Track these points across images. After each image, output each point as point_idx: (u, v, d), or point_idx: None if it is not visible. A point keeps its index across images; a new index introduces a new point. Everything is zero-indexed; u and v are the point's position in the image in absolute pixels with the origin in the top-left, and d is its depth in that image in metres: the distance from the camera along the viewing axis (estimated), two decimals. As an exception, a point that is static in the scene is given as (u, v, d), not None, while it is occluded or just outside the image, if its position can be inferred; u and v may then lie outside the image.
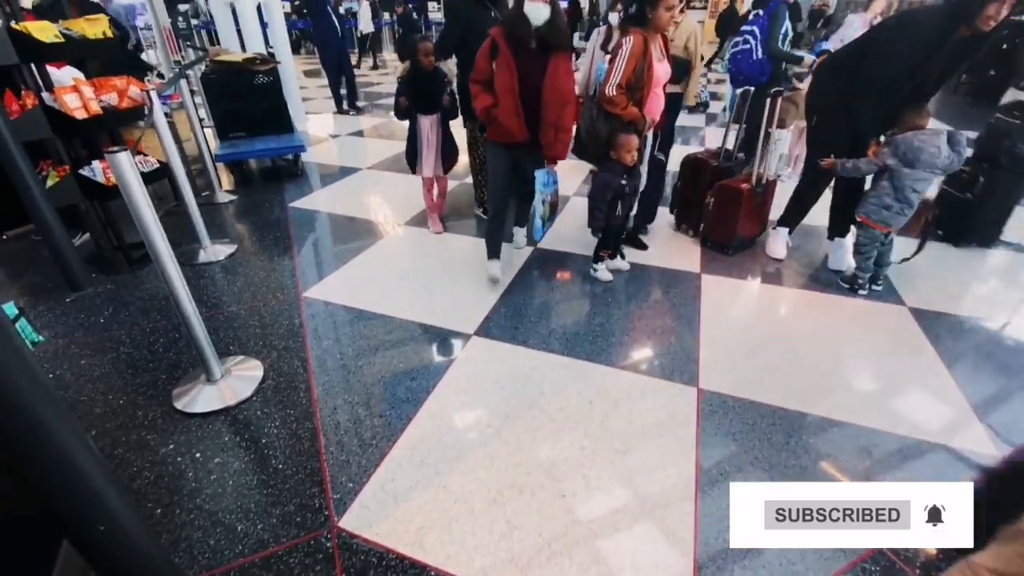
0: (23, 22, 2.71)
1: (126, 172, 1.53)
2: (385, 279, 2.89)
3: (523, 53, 2.18)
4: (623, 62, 2.37)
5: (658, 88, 2.49)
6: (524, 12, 2.03)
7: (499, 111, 2.28)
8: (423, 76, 2.94)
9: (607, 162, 2.56)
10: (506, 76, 2.22)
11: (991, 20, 2.13)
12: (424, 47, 2.87)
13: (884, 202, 2.52)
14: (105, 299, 2.70)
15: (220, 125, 4.48)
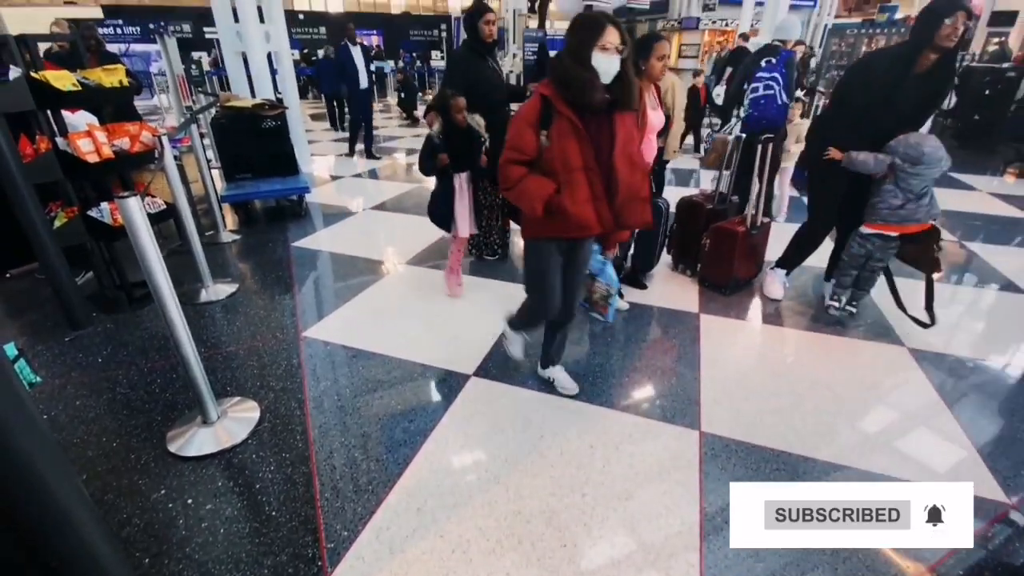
0: (42, 71, 2.83)
1: (135, 217, 1.57)
2: (385, 318, 2.90)
3: (588, 116, 1.65)
4: None
5: (651, 135, 2.57)
6: (593, 65, 1.58)
7: (566, 198, 1.66)
8: (457, 133, 2.75)
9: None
10: (573, 148, 1.64)
11: (951, 36, 2.25)
12: (457, 103, 2.70)
13: (892, 204, 2.50)
14: (104, 338, 2.70)
15: (227, 167, 4.59)
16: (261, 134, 4.51)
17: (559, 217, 1.69)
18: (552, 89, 1.65)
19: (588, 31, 1.57)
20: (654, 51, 2.39)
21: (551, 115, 1.63)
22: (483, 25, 3.00)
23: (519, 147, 1.68)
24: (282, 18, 5.98)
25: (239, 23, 5.55)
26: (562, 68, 1.61)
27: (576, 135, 1.63)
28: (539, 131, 1.65)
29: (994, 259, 3.77)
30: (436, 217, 2.97)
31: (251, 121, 4.45)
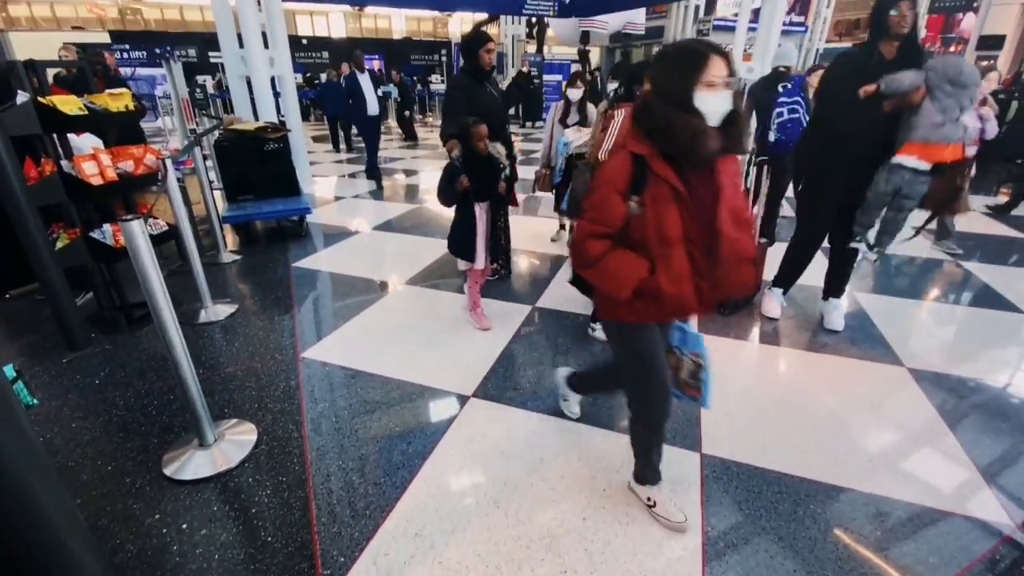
0: (50, 95, 2.89)
1: (138, 240, 1.58)
2: (384, 338, 2.90)
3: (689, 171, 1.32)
4: (615, 132, 2.52)
5: None
6: (698, 107, 1.25)
7: (661, 276, 1.33)
8: (477, 161, 2.67)
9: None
10: (673, 217, 1.31)
11: (902, 21, 2.35)
12: (478, 131, 2.63)
13: (934, 120, 2.40)
14: (102, 359, 2.69)
15: (229, 188, 4.64)
16: (263, 156, 4.58)
17: (650, 298, 1.36)
18: (647, 144, 1.30)
19: (688, 66, 1.25)
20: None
21: (645, 177, 1.30)
22: (483, 53, 3.03)
23: (603, 219, 1.35)
24: (286, 43, 6.11)
25: (244, 48, 5.67)
26: (659, 116, 1.27)
27: (677, 200, 1.30)
28: (629, 197, 1.32)
29: (991, 278, 3.80)
30: (460, 248, 2.83)
31: (254, 143, 4.51)
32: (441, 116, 3.24)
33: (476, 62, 3.06)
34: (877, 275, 3.86)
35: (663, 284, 1.33)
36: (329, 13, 24.81)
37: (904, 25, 2.35)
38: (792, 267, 3.06)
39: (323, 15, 25.05)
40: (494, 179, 2.71)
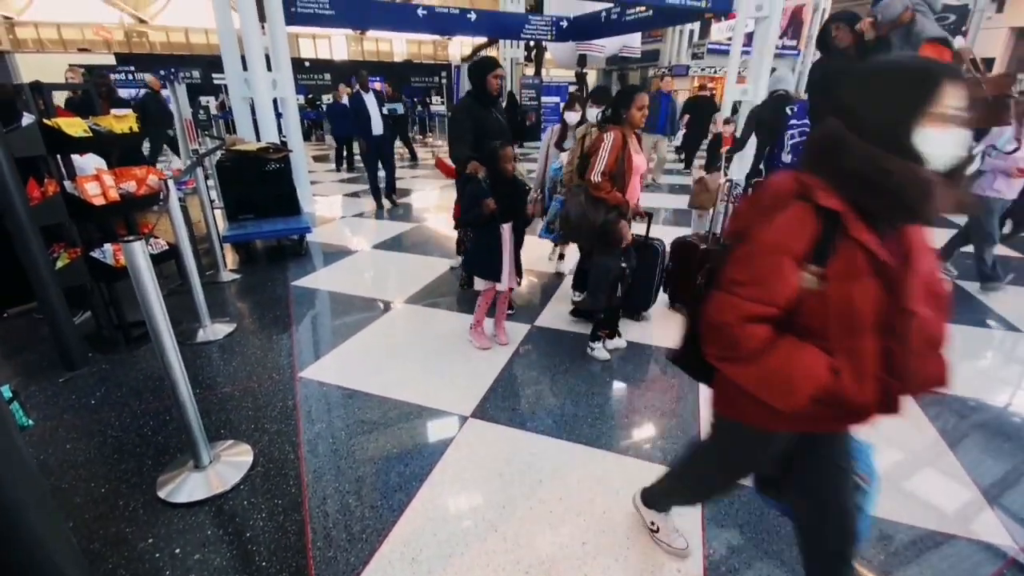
0: (55, 118, 2.93)
1: (138, 261, 1.59)
2: (382, 358, 2.89)
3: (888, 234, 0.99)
4: (606, 153, 2.58)
5: (637, 177, 2.69)
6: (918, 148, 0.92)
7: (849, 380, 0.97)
8: (503, 182, 2.69)
9: (603, 247, 2.68)
10: (867, 295, 0.97)
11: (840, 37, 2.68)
12: (506, 153, 2.65)
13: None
14: (98, 379, 2.68)
15: (230, 207, 4.68)
16: (265, 176, 4.62)
17: (825, 405, 0.99)
18: (840, 197, 0.96)
19: (912, 92, 0.91)
20: (635, 102, 2.56)
21: (833, 241, 0.96)
22: (491, 79, 3.08)
23: (768, 294, 0.99)
24: (289, 66, 6.23)
25: (247, 71, 5.77)
26: (866, 161, 0.93)
27: (876, 274, 0.96)
28: (805, 266, 0.98)
29: (988, 297, 3.81)
30: (485, 269, 2.81)
31: (255, 163, 4.56)
32: (448, 140, 3.18)
33: (483, 87, 3.08)
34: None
35: (848, 388, 0.96)
36: (332, 36, 25.30)
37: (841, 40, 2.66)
38: None
39: (326, 38, 25.55)
40: (521, 200, 2.75)
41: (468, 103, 3.14)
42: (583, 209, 2.71)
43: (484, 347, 2.96)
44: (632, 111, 2.56)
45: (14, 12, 22.60)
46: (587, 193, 2.67)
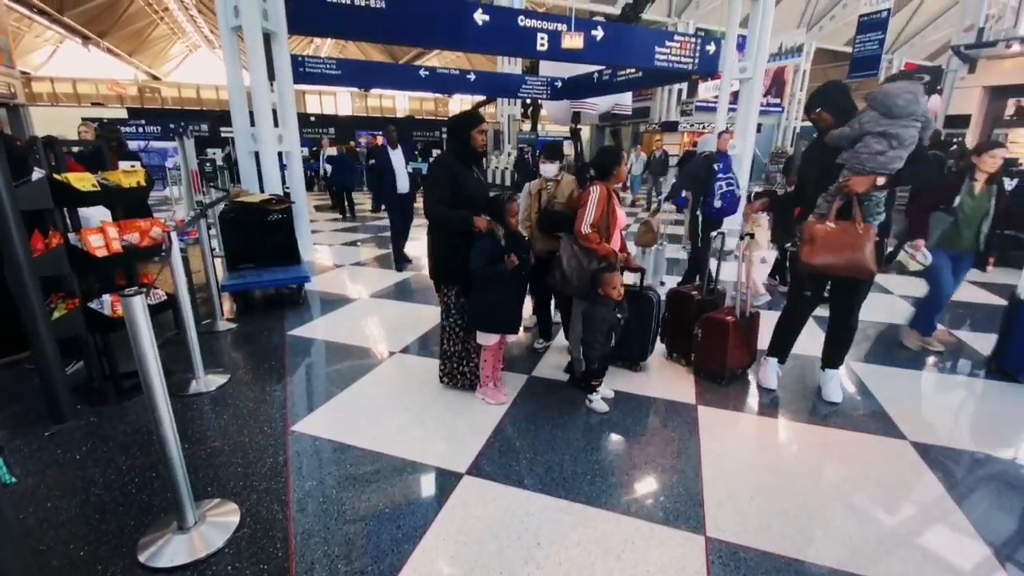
0: (66, 171, 3.01)
1: (137, 315, 1.60)
2: (377, 410, 2.84)
3: None
4: (593, 206, 2.77)
5: (618, 231, 2.90)
6: None
7: None
8: (507, 236, 2.71)
9: (597, 298, 2.71)
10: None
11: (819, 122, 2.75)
12: (512, 207, 2.71)
13: (874, 149, 2.42)
14: (85, 433, 2.61)
15: (231, 257, 4.73)
16: (267, 226, 4.71)
17: None
18: None
19: None
20: (622, 162, 2.88)
21: None
22: (476, 134, 2.79)
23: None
24: (295, 121, 6.48)
25: (255, 126, 6.00)
26: None
27: None
28: None
29: (984, 347, 3.82)
30: (499, 323, 2.78)
31: (258, 214, 4.65)
32: (425, 195, 2.83)
33: (467, 143, 2.78)
34: (872, 344, 3.88)
35: None
36: (337, 93, 26.46)
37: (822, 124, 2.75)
38: (784, 336, 3.08)
39: (331, 95, 26.71)
40: (524, 251, 2.77)
41: (449, 160, 2.80)
42: (577, 259, 2.80)
43: (500, 401, 2.90)
44: (621, 167, 2.85)
45: (32, 68, 23.66)
46: (576, 243, 2.81)
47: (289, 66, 6.36)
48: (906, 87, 2.42)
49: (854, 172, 2.52)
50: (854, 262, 2.51)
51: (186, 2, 22.84)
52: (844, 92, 2.77)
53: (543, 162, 3.35)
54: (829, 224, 2.57)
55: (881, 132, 2.41)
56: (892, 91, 2.41)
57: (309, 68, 12.68)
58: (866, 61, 14.42)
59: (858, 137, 2.49)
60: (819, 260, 2.58)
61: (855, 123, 2.51)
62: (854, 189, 2.50)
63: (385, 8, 7.07)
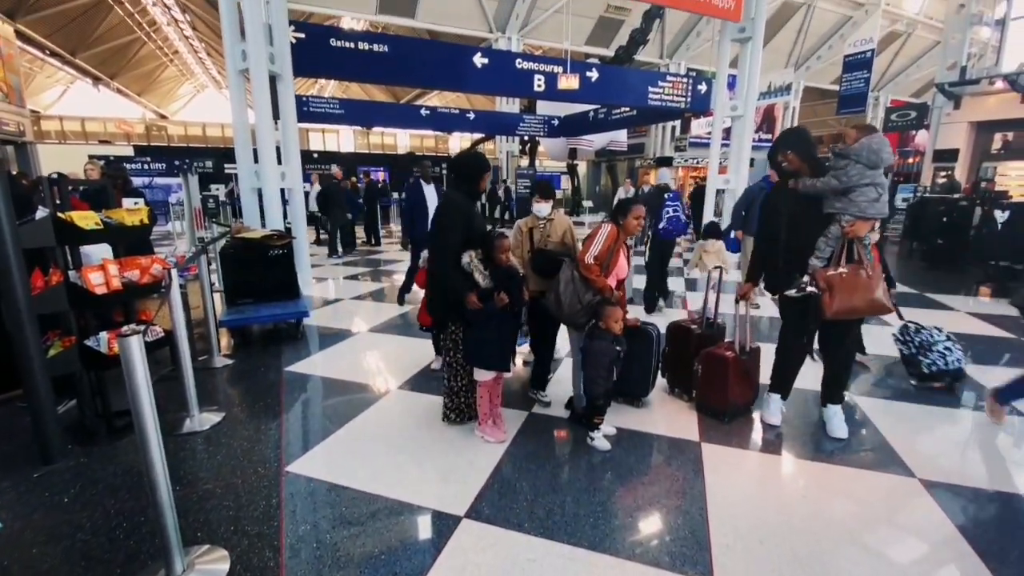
0: (70, 210, 3.04)
1: (134, 355, 1.58)
2: (372, 450, 2.78)
3: None
4: (601, 240, 2.85)
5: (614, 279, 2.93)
6: None
7: None
8: (500, 273, 2.72)
9: (597, 332, 2.71)
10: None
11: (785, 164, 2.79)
12: (503, 244, 2.72)
13: (871, 197, 2.57)
14: (74, 474, 2.55)
15: (230, 292, 4.73)
16: (267, 262, 4.73)
17: None
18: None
19: None
20: (632, 212, 2.89)
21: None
22: (484, 179, 2.97)
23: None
24: (298, 159, 6.61)
25: (259, 163, 6.12)
26: None
27: None
28: None
29: (987, 379, 3.78)
30: (493, 360, 2.76)
31: (259, 250, 4.68)
32: (440, 232, 2.80)
33: (474, 186, 2.92)
34: (873, 377, 3.84)
35: None
36: (340, 130, 27.10)
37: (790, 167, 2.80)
38: (783, 373, 3.05)
39: (334, 132, 27.35)
40: (517, 288, 2.78)
41: (463, 200, 2.87)
42: (574, 286, 2.82)
43: (500, 440, 2.84)
44: (629, 219, 2.89)
45: (43, 107, 24.28)
46: (577, 270, 2.86)
47: (293, 106, 6.53)
48: (884, 140, 2.59)
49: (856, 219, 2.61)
50: (873, 303, 2.59)
51: (196, 46, 23.69)
52: (809, 137, 2.87)
53: (536, 200, 3.22)
54: (842, 270, 2.61)
55: (869, 183, 2.57)
56: (876, 146, 2.56)
57: (313, 108, 13.04)
58: (853, 99, 14.89)
59: (848, 189, 2.59)
60: (843, 306, 2.60)
61: (841, 176, 2.59)
62: (858, 233, 2.61)
63: (388, 52, 7.34)
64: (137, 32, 21.75)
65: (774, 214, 2.91)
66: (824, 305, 2.62)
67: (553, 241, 3.17)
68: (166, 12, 19.90)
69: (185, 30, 21.49)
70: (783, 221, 2.83)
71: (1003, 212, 6.97)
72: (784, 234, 2.83)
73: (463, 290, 2.65)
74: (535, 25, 15.36)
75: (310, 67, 7.21)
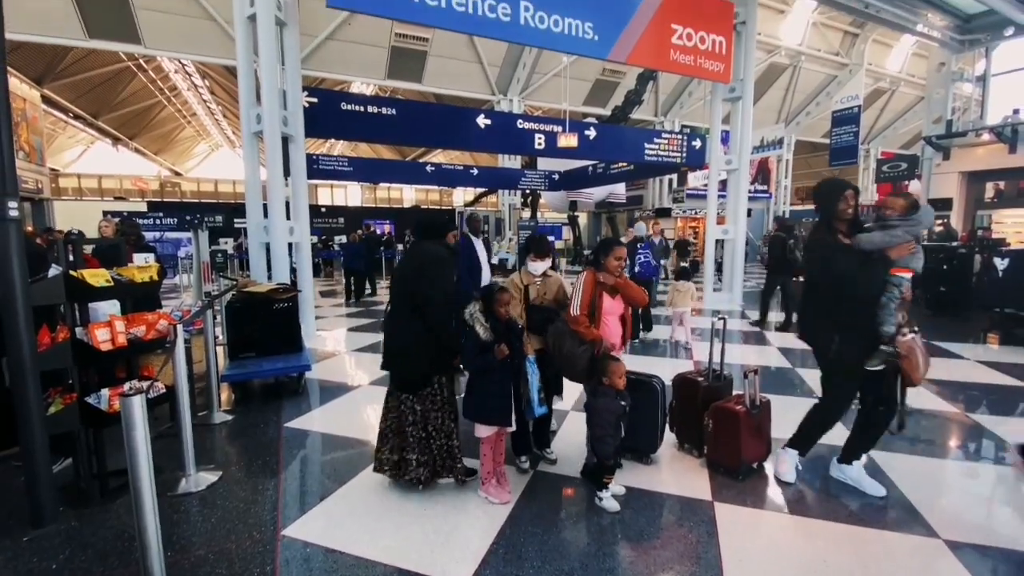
0: (83, 267, 3.11)
1: (135, 416, 1.57)
2: (373, 511, 2.69)
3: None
4: (579, 291, 2.90)
5: (608, 318, 2.94)
6: None
7: None
8: (501, 326, 2.71)
9: (601, 388, 2.68)
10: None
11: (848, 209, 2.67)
12: (503, 297, 2.71)
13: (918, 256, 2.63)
14: (65, 539, 2.46)
15: (233, 346, 4.73)
16: (271, 315, 4.76)
17: None
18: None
19: None
20: (613, 252, 2.92)
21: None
22: (451, 236, 3.20)
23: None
24: (307, 214, 6.80)
25: (268, 219, 6.28)
26: None
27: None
28: None
29: (1002, 430, 3.68)
30: (495, 414, 2.69)
31: (264, 304, 4.72)
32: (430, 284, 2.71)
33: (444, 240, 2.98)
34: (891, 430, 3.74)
35: None
36: (348, 185, 27.97)
37: (849, 212, 2.68)
38: (812, 434, 2.91)
39: (342, 187, 28.22)
40: (517, 340, 2.77)
41: (447, 254, 2.88)
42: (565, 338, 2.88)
43: (504, 500, 2.73)
44: (609, 259, 2.91)
45: (62, 165, 25.25)
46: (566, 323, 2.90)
47: (304, 165, 6.80)
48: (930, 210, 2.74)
49: None
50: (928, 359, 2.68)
51: (213, 108, 24.93)
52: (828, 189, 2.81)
53: (532, 259, 3.12)
54: (914, 335, 2.65)
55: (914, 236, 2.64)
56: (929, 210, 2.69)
57: (323, 165, 13.53)
58: (844, 151, 15.39)
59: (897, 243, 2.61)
60: (927, 370, 2.66)
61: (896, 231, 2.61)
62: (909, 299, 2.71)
63: (396, 114, 7.70)
64: (158, 96, 22.98)
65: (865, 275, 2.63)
66: (910, 372, 2.60)
67: (549, 299, 3.13)
68: (187, 79, 21.11)
69: (204, 94, 22.70)
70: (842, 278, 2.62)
71: (1002, 260, 7.02)
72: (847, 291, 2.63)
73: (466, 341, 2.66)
74: (535, 88, 16.18)
75: (322, 129, 7.56)
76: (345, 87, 17.32)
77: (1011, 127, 11.49)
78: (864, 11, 10.90)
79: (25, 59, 14.41)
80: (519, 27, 6.36)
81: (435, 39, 13.87)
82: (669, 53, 7.62)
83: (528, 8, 6.32)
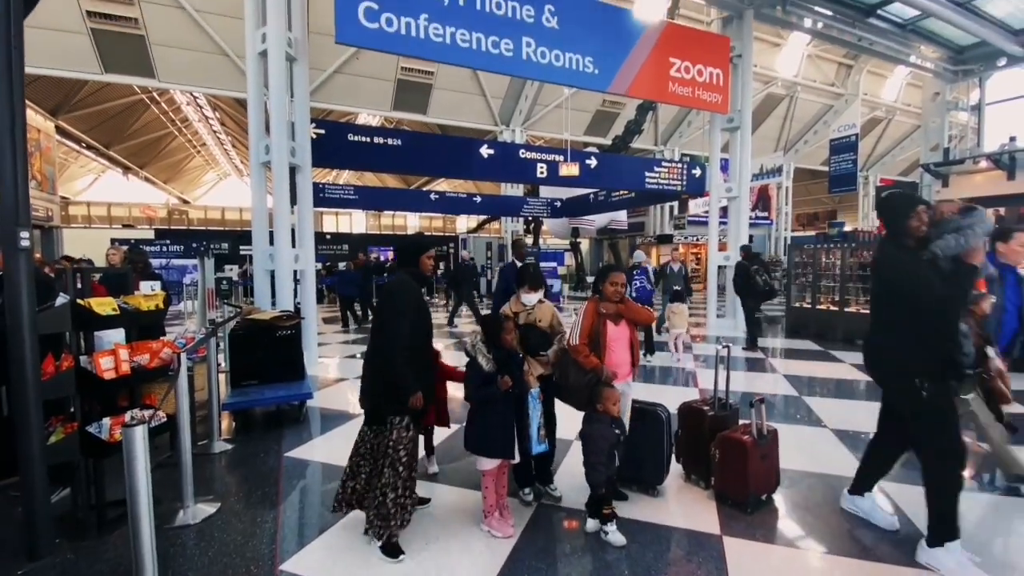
0: (90, 296, 3.13)
1: (136, 447, 1.57)
2: (372, 544, 2.62)
3: None
4: (580, 321, 2.93)
5: (614, 345, 2.94)
6: None
7: None
8: (505, 356, 2.70)
9: (595, 415, 2.67)
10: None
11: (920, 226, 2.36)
12: (508, 326, 2.74)
13: None
14: (60, 573, 2.40)
15: (235, 373, 4.71)
16: (274, 343, 4.76)
17: None
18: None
19: None
20: (609, 278, 2.96)
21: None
22: (426, 260, 2.78)
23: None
24: (312, 242, 6.87)
25: (273, 246, 6.35)
26: None
27: None
28: None
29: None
30: (497, 446, 2.64)
31: (267, 331, 4.73)
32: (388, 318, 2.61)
33: (419, 267, 2.75)
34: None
35: None
36: (352, 212, 28.33)
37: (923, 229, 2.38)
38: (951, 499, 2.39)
39: (347, 215, 28.57)
40: (519, 369, 2.76)
41: (414, 285, 2.71)
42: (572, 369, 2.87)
43: (508, 535, 2.67)
44: (607, 285, 2.95)
45: (73, 193, 25.70)
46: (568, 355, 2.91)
47: (311, 194, 6.91)
48: None
49: None
50: None
51: (222, 139, 25.51)
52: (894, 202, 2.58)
53: (526, 291, 3.04)
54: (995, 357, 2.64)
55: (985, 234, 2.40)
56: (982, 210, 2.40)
57: (329, 194, 13.76)
58: (843, 179, 15.55)
59: None
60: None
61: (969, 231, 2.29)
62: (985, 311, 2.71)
63: (402, 144, 7.87)
64: (169, 127, 23.56)
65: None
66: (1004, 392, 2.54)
67: (542, 324, 3.07)
68: (198, 110, 21.68)
69: (214, 125, 23.26)
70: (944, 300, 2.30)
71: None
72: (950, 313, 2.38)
73: (410, 386, 2.49)
74: (537, 119, 16.53)
75: (329, 159, 7.72)
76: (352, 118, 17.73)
77: (1008, 154, 11.61)
78: (857, 44, 11.21)
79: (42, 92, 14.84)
80: (521, 62, 6.56)
81: (440, 72, 14.26)
82: (667, 85, 7.82)
83: (530, 44, 6.53)
